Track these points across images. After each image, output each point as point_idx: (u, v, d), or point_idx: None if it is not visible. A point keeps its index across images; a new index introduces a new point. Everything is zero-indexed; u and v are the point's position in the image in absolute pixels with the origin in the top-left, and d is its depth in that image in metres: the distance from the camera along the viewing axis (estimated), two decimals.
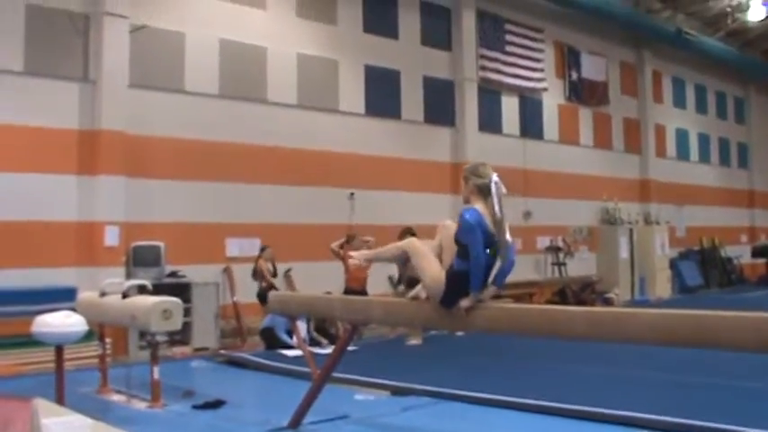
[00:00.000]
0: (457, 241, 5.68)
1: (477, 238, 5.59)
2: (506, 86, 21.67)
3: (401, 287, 14.44)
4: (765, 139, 34.45)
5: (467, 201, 5.98)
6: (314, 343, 13.60)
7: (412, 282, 14.37)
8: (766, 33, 30.60)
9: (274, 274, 14.49)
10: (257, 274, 14.34)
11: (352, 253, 6.76)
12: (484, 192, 5.86)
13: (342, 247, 14.65)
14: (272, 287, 13.83)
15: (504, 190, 5.85)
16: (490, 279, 5.79)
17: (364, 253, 6.72)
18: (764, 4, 26.22)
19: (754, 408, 8.00)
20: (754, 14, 26.67)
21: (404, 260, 6.34)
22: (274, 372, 11.42)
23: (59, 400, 8.06)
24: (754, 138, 33.99)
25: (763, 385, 9.00)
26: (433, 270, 5.82)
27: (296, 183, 16.38)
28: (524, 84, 22.11)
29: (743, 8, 27.41)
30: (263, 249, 14.62)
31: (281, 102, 16.45)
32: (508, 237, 5.76)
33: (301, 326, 12.32)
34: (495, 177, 5.87)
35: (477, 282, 5.62)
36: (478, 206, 5.82)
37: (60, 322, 8.13)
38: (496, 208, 5.74)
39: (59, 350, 8.46)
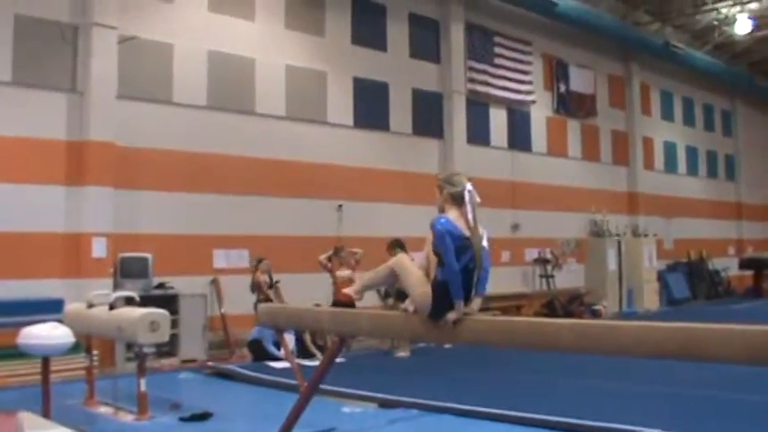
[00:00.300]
0: (435, 252, 5.68)
1: (448, 246, 5.56)
2: (495, 99, 21.71)
3: (390, 300, 14.43)
4: (752, 151, 34.65)
5: (441, 210, 5.98)
6: (308, 354, 13.58)
7: (401, 294, 14.40)
8: (753, 47, 30.82)
9: (271, 286, 14.46)
10: (255, 287, 14.32)
11: (347, 291, 6.65)
12: (458, 200, 5.86)
13: (330, 259, 14.65)
14: (268, 299, 13.81)
15: (477, 199, 5.86)
16: (473, 289, 5.76)
17: (356, 288, 6.63)
18: (750, 19, 26.37)
19: (744, 418, 8.01)
20: (741, 28, 26.85)
21: (394, 279, 6.30)
22: (262, 384, 11.39)
23: (45, 412, 8.03)
24: (741, 150, 34.15)
25: (752, 397, 9.01)
26: (419, 284, 5.80)
27: (284, 194, 16.37)
28: (513, 96, 22.16)
29: (730, 22, 27.59)
30: (259, 261, 14.53)
31: (270, 113, 16.44)
32: (484, 243, 5.75)
33: (289, 338, 12.30)
34: (468, 186, 5.89)
35: (456, 290, 5.55)
36: (452, 214, 5.81)
37: (47, 334, 8.09)
38: (470, 216, 5.74)
39: (46, 362, 8.41)
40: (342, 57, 17.94)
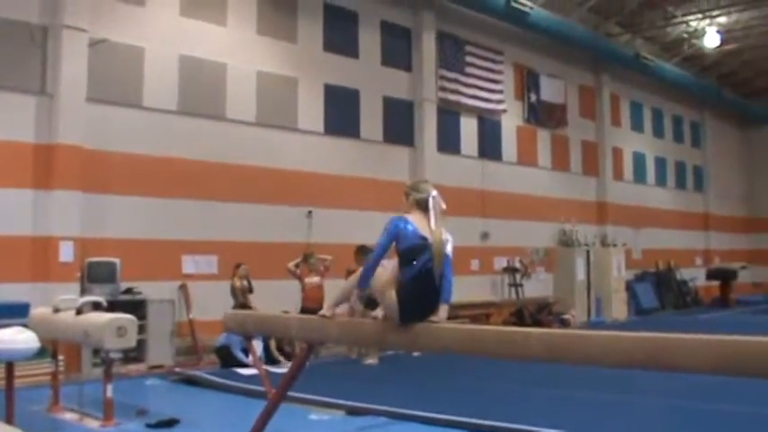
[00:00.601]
0: (398, 251, 5.70)
1: (385, 242, 5.74)
2: (465, 107, 21.77)
3: (360, 307, 14.38)
4: (720, 162, 35.03)
5: (405, 212, 6.05)
6: (272, 361, 13.54)
7: (370, 302, 14.37)
8: (721, 60, 31.17)
9: (250, 290, 14.45)
10: (232, 292, 14.33)
11: (323, 313, 6.58)
12: (422, 206, 5.94)
13: (298, 266, 14.64)
14: (244, 306, 13.79)
15: (442, 205, 5.97)
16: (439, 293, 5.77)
17: (328, 305, 6.58)
18: (719, 33, 26.65)
19: (712, 428, 8.07)
20: (710, 41, 27.08)
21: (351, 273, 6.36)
22: (229, 390, 11.35)
23: (9, 418, 7.95)
24: (709, 161, 34.50)
25: (719, 406, 9.08)
26: (386, 289, 5.80)
27: (254, 200, 16.31)
28: (483, 105, 22.22)
29: (699, 35, 27.87)
30: (237, 266, 14.56)
31: (240, 119, 16.39)
32: (448, 249, 5.79)
33: (257, 344, 12.25)
34: (434, 192, 5.98)
35: (364, 280, 5.82)
36: (415, 217, 5.89)
37: (11, 338, 8.00)
38: (432, 221, 5.80)
39: (10, 367, 8.33)
40: (313, 63, 17.92)
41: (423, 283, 5.61)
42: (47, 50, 13.68)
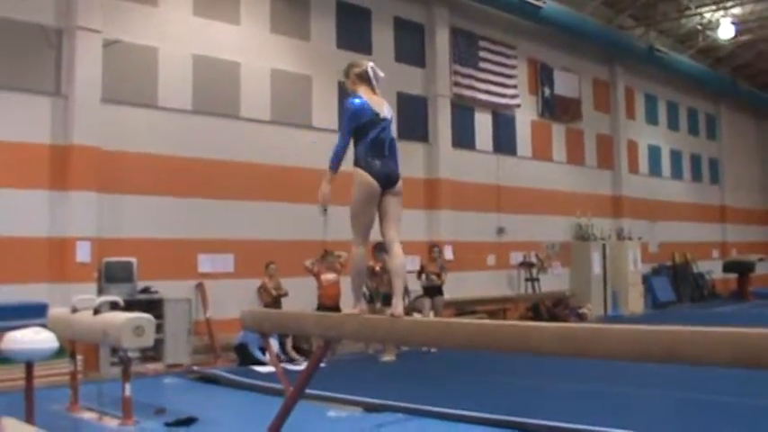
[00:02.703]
0: (354, 129, 6.37)
1: (349, 125, 6.35)
2: (480, 103, 21.74)
3: (378, 304, 14.41)
4: (736, 154, 34.84)
5: (353, 92, 6.54)
6: (288, 359, 13.58)
7: (387, 298, 14.42)
8: (736, 51, 31.02)
9: (278, 289, 14.65)
10: (259, 291, 14.71)
11: (352, 311, 6.64)
12: (364, 78, 6.51)
13: (314, 264, 14.67)
14: (268, 305, 13.88)
15: (380, 73, 6.54)
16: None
17: (355, 304, 6.65)
18: (733, 24, 26.51)
19: (732, 421, 8.04)
20: (724, 33, 26.95)
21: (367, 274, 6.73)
22: (247, 388, 11.38)
23: (29, 418, 7.98)
24: (725, 154, 34.32)
25: (742, 399, 9.05)
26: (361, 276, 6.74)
27: (269, 199, 16.32)
28: (497, 100, 22.17)
29: (713, 26, 27.73)
30: (266, 266, 14.81)
31: (255, 117, 16.40)
32: (387, 114, 6.49)
33: (273, 342, 12.29)
34: (371, 64, 6.56)
35: (336, 161, 6.61)
36: (363, 92, 6.45)
37: (30, 339, 8.04)
38: (376, 88, 6.50)
39: (29, 367, 8.35)
40: (327, 61, 17.90)
41: (376, 150, 6.45)
42: (61, 52, 13.74)
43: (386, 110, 6.48)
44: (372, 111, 6.34)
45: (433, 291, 15.70)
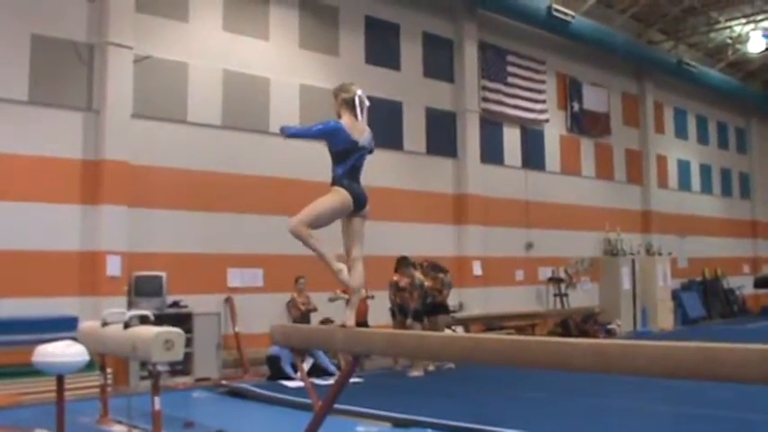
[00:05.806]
0: (333, 151, 7.01)
1: (319, 128, 6.87)
2: (508, 118, 21.72)
3: (409, 320, 14.35)
4: (767, 169, 34.50)
5: (338, 115, 6.90)
6: (324, 372, 13.56)
7: (417, 314, 14.43)
8: (767, 65, 30.77)
9: (306, 304, 14.75)
10: (288, 305, 14.79)
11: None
12: (349, 104, 6.81)
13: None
14: (296, 320, 13.91)
15: (366, 102, 6.88)
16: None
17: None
18: (764, 36, 26.35)
19: None
20: (755, 46, 26.83)
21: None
22: (276, 403, 11.39)
23: (60, 430, 8.03)
24: (755, 168, 34.05)
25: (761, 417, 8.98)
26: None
27: None
28: (526, 115, 22.16)
29: (743, 40, 27.60)
30: (295, 281, 14.85)
31: None
32: (366, 142, 6.94)
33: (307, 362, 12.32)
34: (359, 92, 6.84)
35: (294, 133, 7.15)
36: (346, 120, 6.80)
37: (61, 352, 8.09)
38: (359, 115, 6.81)
39: (60, 380, 8.41)
40: (356, 76, 17.87)
41: (353, 175, 7.10)
42: (93, 68, 13.88)
43: (366, 138, 6.84)
44: (350, 139, 6.77)
45: (433, 308, 15.11)
